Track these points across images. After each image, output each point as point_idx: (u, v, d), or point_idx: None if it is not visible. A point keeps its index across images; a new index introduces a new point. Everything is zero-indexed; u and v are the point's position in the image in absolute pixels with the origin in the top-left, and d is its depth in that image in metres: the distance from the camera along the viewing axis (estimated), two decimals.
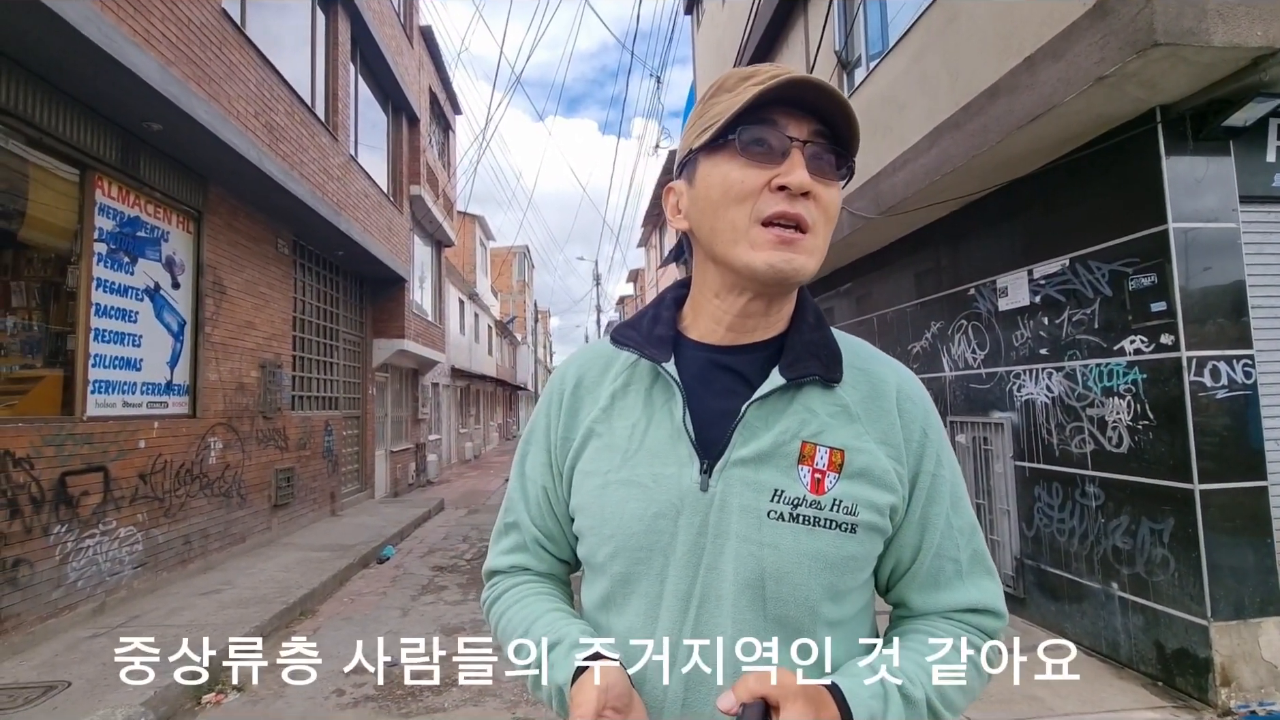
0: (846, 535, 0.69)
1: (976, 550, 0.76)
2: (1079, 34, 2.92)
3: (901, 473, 0.73)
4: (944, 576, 0.74)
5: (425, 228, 13.04)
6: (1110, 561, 3.44)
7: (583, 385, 0.82)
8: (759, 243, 0.68)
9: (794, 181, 0.66)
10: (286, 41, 6.92)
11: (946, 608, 0.75)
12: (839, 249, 5.91)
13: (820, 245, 0.70)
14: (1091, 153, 3.51)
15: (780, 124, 0.68)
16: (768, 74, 0.68)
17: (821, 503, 0.69)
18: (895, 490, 0.72)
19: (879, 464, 0.71)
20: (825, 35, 5.90)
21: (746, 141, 0.68)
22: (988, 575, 0.76)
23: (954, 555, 0.75)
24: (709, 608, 0.70)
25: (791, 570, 0.68)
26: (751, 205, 0.68)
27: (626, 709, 0.64)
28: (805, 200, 0.68)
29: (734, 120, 0.68)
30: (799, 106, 0.68)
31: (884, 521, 0.71)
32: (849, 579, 0.71)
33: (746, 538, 0.69)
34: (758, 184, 0.68)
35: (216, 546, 5.79)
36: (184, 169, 5.45)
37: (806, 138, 0.68)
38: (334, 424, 8.70)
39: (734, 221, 0.69)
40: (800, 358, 0.73)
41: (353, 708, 3.30)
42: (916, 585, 0.75)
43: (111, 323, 4.68)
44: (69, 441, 4.16)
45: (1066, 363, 3.72)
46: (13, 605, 3.69)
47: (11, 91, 3.80)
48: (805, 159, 0.68)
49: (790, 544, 0.69)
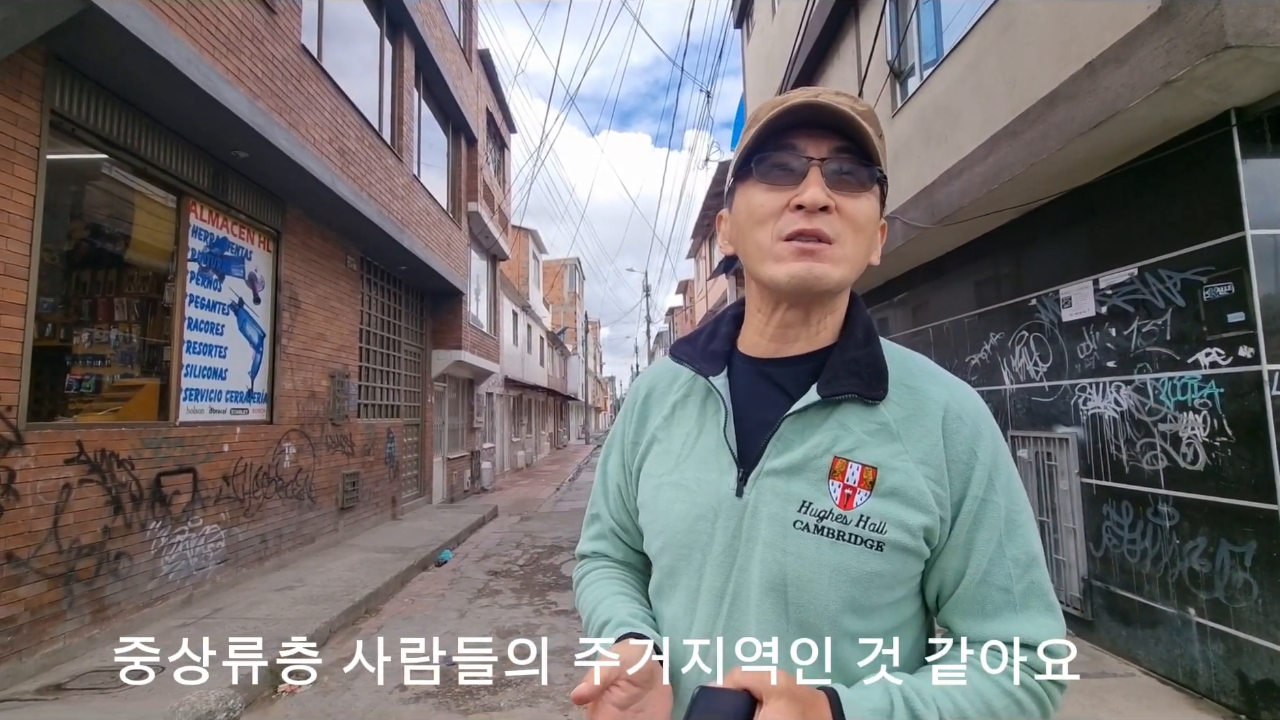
0: (872, 552, 0.70)
1: (1034, 583, 0.72)
2: (1143, 38, 2.84)
3: (942, 495, 0.71)
4: (991, 605, 0.71)
5: (481, 243, 13.49)
6: (1186, 585, 3.27)
7: (652, 396, 0.90)
8: (782, 256, 0.72)
9: (806, 199, 0.70)
10: (356, 69, 7.36)
11: (993, 638, 0.71)
12: (892, 259, 5.83)
13: (849, 254, 0.72)
14: (1160, 158, 3.38)
15: (799, 146, 0.72)
16: (794, 100, 0.72)
17: (848, 518, 0.71)
18: (931, 512, 0.71)
19: (914, 484, 0.71)
20: (877, 45, 5.86)
21: (764, 168, 0.73)
22: (1046, 611, 0.72)
23: (1004, 585, 0.71)
24: (739, 605, 0.74)
25: (812, 579, 0.70)
26: (773, 225, 0.72)
27: (645, 684, 0.68)
28: (825, 215, 0.70)
29: (754, 149, 0.73)
30: (818, 125, 0.72)
31: (916, 543, 0.71)
32: (875, 595, 0.71)
33: (772, 544, 0.72)
34: (778, 205, 0.72)
35: (289, 545, 6.15)
36: (265, 192, 5.88)
37: (825, 155, 0.71)
38: (395, 431, 9.08)
39: (759, 241, 0.74)
40: (839, 375, 0.74)
41: (414, 703, 3.46)
42: (960, 611, 0.74)
43: (201, 335, 5.08)
44: (164, 444, 4.53)
45: (1136, 376, 3.57)
46: (115, 594, 4.04)
47: (122, 127, 4.21)
48: (825, 176, 0.71)
49: (813, 554, 0.71)
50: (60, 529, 3.66)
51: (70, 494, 3.73)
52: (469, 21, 12.15)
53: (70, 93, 3.79)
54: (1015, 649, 0.71)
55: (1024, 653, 0.70)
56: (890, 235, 5.55)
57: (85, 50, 3.66)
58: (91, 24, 3.40)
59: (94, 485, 3.90)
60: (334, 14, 6.75)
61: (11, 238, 3.39)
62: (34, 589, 3.48)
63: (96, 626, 3.87)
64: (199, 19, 4.26)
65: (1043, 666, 0.70)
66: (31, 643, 3.46)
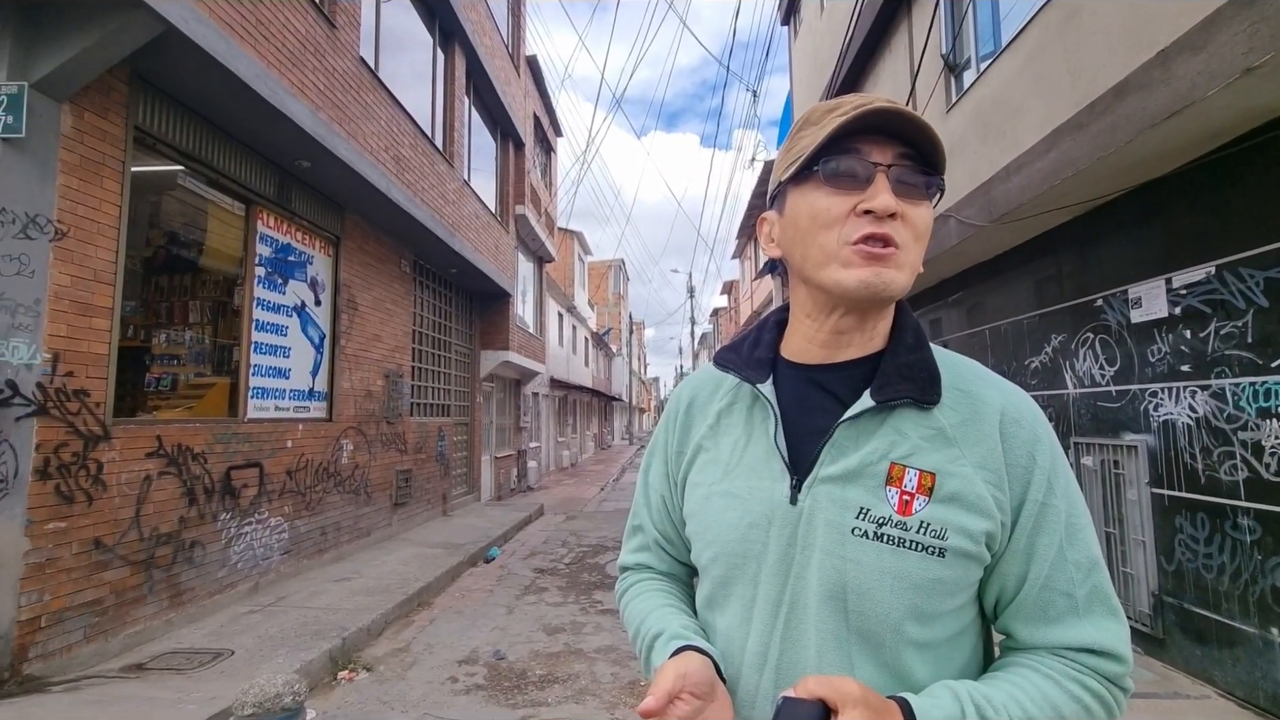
0: (933, 558, 0.69)
1: (1096, 587, 0.71)
2: (1222, 23, 2.68)
3: (1002, 499, 0.71)
4: (1054, 610, 0.71)
5: (528, 245, 13.73)
6: (1269, 604, 3.07)
7: (695, 404, 0.90)
8: (850, 261, 0.71)
9: (878, 205, 0.69)
10: (410, 78, 7.60)
11: (1057, 644, 0.71)
12: (947, 258, 5.66)
13: (912, 261, 0.72)
14: (1241, 149, 3.18)
15: (864, 151, 0.71)
16: (851, 105, 0.72)
17: (908, 524, 0.70)
18: (992, 516, 0.70)
19: (974, 489, 0.70)
20: (931, 38, 5.69)
21: (831, 171, 0.72)
22: (1110, 615, 0.71)
23: (1066, 589, 0.71)
24: (797, 614, 0.73)
25: (873, 587, 0.70)
26: (839, 229, 0.72)
27: (706, 696, 0.67)
28: (892, 221, 0.70)
29: (819, 152, 0.72)
30: (882, 132, 0.72)
31: (978, 548, 0.70)
32: (937, 602, 0.70)
33: (830, 551, 0.72)
34: (844, 210, 0.72)
35: (346, 539, 6.40)
36: (326, 200, 6.14)
37: (891, 161, 0.71)
38: (446, 430, 9.33)
39: (824, 245, 0.73)
40: (892, 380, 0.74)
41: (465, 694, 3.55)
42: (1022, 617, 0.73)
43: (267, 336, 5.34)
44: (233, 440, 4.78)
45: (1214, 380, 3.36)
46: (189, 580, 4.29)
47: (197, 140, 4.47)
48: (890, 182, 0.71)
49: (873, 561, 0.70)
50: (142, 518, 3.91)
51: (150, 485, 3.98)
52: (517, 29, 12.38)
53: (151, 108, 4.05)
54: (1081, 654, 0.70)
55: (1089, 657, 0.70)
56: (945, 234, 5.39)
57: (164, 68, 3.90)
58: (171, 44, 3.63)
59: (171, 477, 4.16)
60: (390, 25, 6.99)
61: (100, 246, 3.65)
62: (118, 573, 3.74)
63: (173, 610, 4.13)
64: (267, 36, 4.48)
65: (1108, 671, 0.70)
66: (116, 624, 3.72)
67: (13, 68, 3.21)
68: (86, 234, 3.56)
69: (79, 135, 3.51)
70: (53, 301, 3.36)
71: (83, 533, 3.51)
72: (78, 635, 3.48)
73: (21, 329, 3.21)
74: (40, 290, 3.30)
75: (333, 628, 4.18)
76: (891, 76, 6.99)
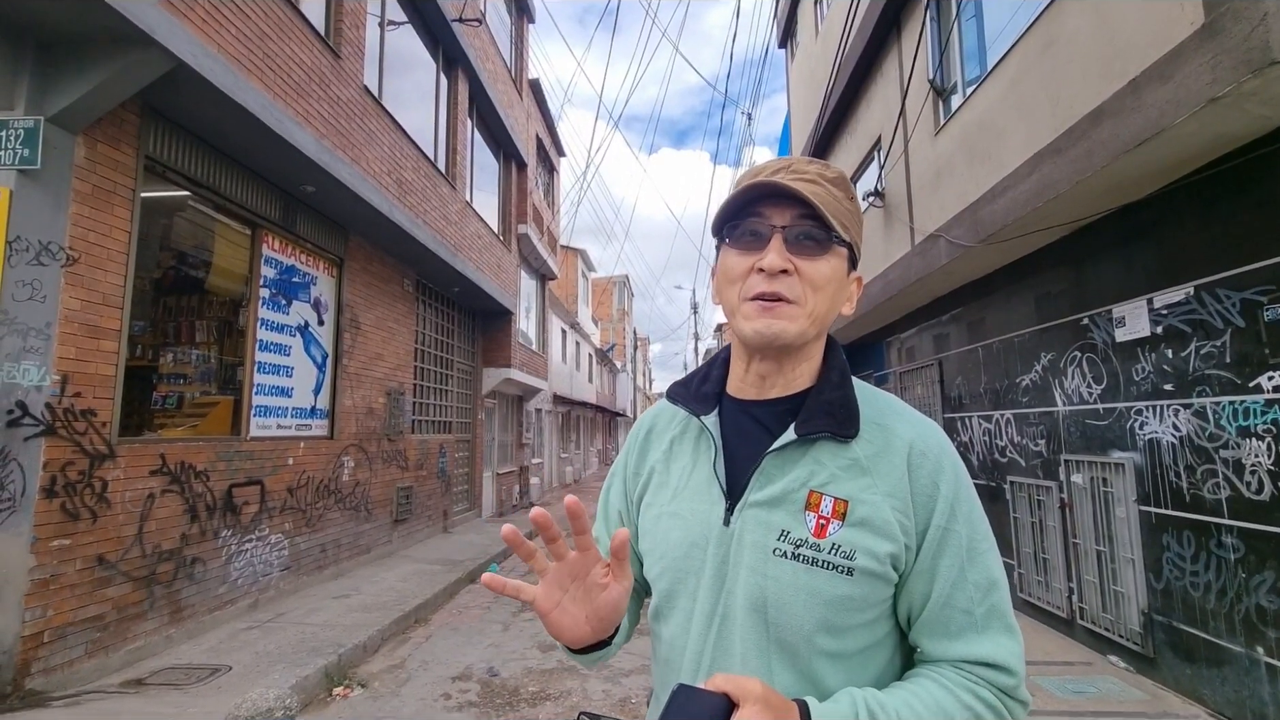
0: (842, 576, 0.77)
1: (994, 606, 0.78)
2: (1187, 55, 2.78)
3: (907, 524, 0.78)
4: (955, 626, 0.77)
5: (531, 263, 13.89)
6: (1254, 622, 3.09)
7: (654, 432, 1.00)
8: (748, 315, 0.81)
9: (766, 264, 0.79)
10: (414, 102, 7.80)
11: (956, 657, 0.77)
12: (939, 277, 5.74)
13: (809, 311, 0.80)
14: (1215, 173, 3.26)
15: (766, 215, 0.81)
16: (750, 176, 0.82)
17: (821, 545, 0.78)
18: (897, 540, 0.77)
19: (881, 514, 0.78)
20: (919, 63, 5.83)
21: (734, 235, 0.83)
22: (1005, 632, 0.78)
23: (966, 607, 0.77)
24: (727, 624, 0.81)
25: (789, 601, 0.78)
26: (741, 285, 0.82)
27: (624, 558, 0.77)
28: (785, 277, 0.79)
29: (729, 216, 0.83)
30: (783, 196, 0.80)
31: (884, 568, 0.77)
32: (846, 616, 0.77)
33: (754, 569, 0.80)
34: (745, 268, 0.82)
35: (346, 555, 6.46)
36: (330, 222, 6.29)
37: (788, 223, 0.80)
38: (447, 447, 9.41)
39: (730, 300, 0.84)
40: (814, 415, 0.82)
41: (457, 711, 3.59)
42: (927, 632, 0.79)
43: (271, 356, 5.46)
44: (235, 458, 4.87)
45: (1195, 399, 3.41)
46: (190, 596, 4.36)
47: (205, 167, 4.63)
48: (785, 242, 0.79)
49: (789, 579, 0.78)
50: (144, 535, 4.00)
51: (154, 503, 4.07)
52: (520, 54, 12.64)
53: (161, 138, 4.21)
54: (977, 666, 0.77)
55: (985, 670, 0.76)
56: (935, 254, 5.47)
57: (175, 100, 4.06)
58: (181, 79, 3.79)
59: (174, 495, 4.25)
60: (394, 53, 7.19)
61: (110, 270, 3.77)
62: (120, 590, 3.81)
63: (173, 626, 4.19)
64: (274, 68, 4.65)
65: (1001, 683, 0.76)
66: (117, 640, 3.79)
67: (30, 102, 3.37)
68: (97, 259, 3.69)
69: (91, 165, 3.66)
70: (63, 325, 3.48)
71: (86, 549, 3.59)
72: (79, 650, 3.55)
73: (32, 352, 3.33)
74: (51, 314, 3.42)
75: (329, 644, 4.23)
76: (884, 100, 7.12)
